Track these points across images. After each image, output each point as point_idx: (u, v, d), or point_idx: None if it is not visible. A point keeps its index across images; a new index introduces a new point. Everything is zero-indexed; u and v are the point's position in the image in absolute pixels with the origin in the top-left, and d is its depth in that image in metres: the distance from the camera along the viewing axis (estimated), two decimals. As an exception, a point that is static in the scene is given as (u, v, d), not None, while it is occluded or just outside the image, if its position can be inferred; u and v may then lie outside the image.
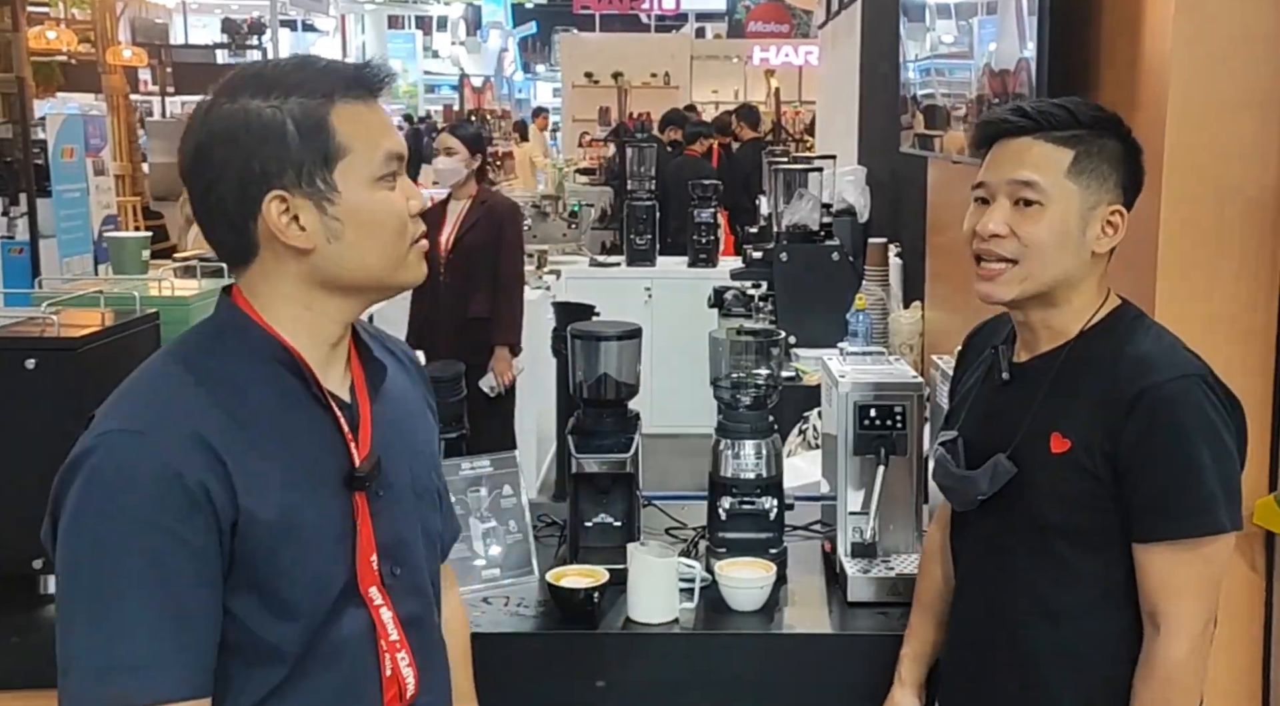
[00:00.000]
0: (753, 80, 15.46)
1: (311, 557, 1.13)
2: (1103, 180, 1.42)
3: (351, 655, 1.17)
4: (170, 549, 1.06)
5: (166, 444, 1.07)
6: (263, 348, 1.16)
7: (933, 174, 3.37)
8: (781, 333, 2.11)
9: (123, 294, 2.19)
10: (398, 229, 1.17)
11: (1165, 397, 1.37)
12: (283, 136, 1.12)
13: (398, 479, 1.22)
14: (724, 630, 1.87)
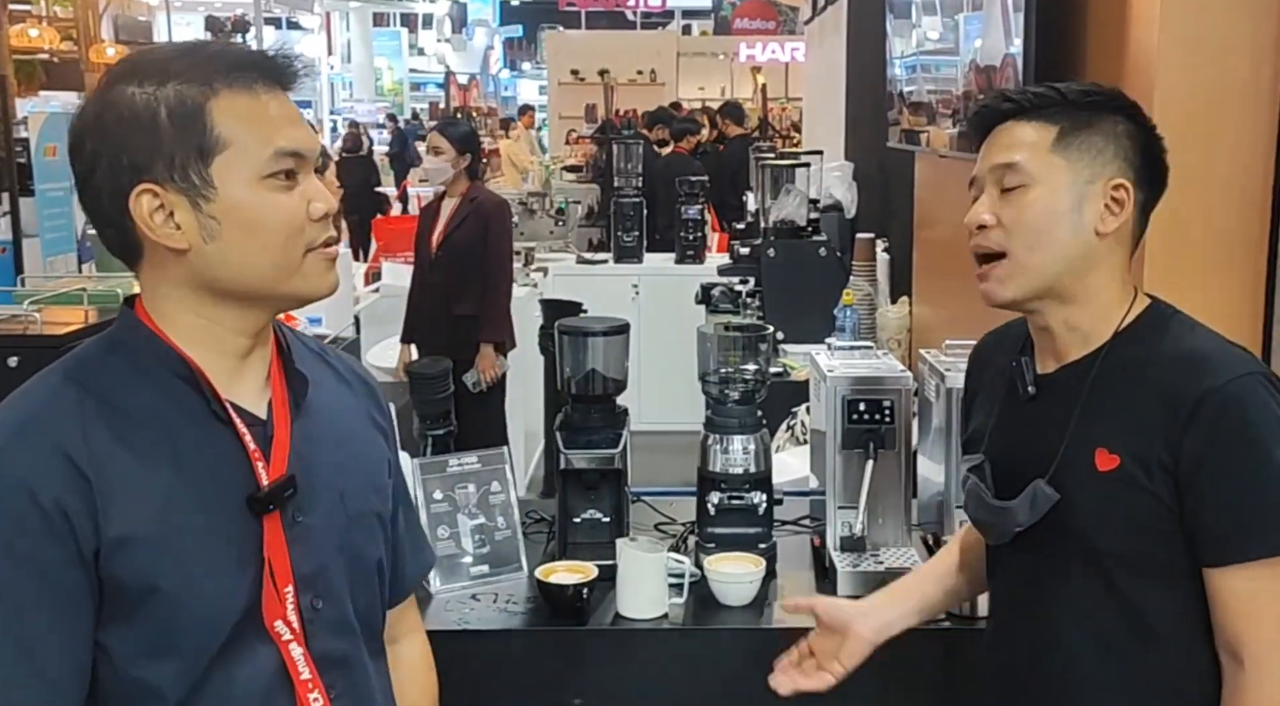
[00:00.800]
0: (739, 77, 15.48)
1: (198, 587, 1.03)
2: (1097, 153, 1.29)
3: (255, 695, 1.06)
4: (21, 576, 0.98)
5: (24, 459, 1.00)
6: (158, 360, 1.07)
7: (920, 169, 3.38)
8: (770, 327, 2.11)
9: (105, 291, 2.18)
10: (286, 232, 1.06)
11: (1231, 399, 1.21)
12: (154, 126, 1.03)
13: (321, 503, 1.12)
14: (714, 625, 1.87)
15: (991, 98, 1.39)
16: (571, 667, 1.84)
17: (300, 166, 1.07)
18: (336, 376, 1.22)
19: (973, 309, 1.59)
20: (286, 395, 1.13)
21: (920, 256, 3.45)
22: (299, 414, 1.13)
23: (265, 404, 1.12)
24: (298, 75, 1.09)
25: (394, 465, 1.26)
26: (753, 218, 4.50)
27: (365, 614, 1.16)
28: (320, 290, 1.11)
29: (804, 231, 3.95)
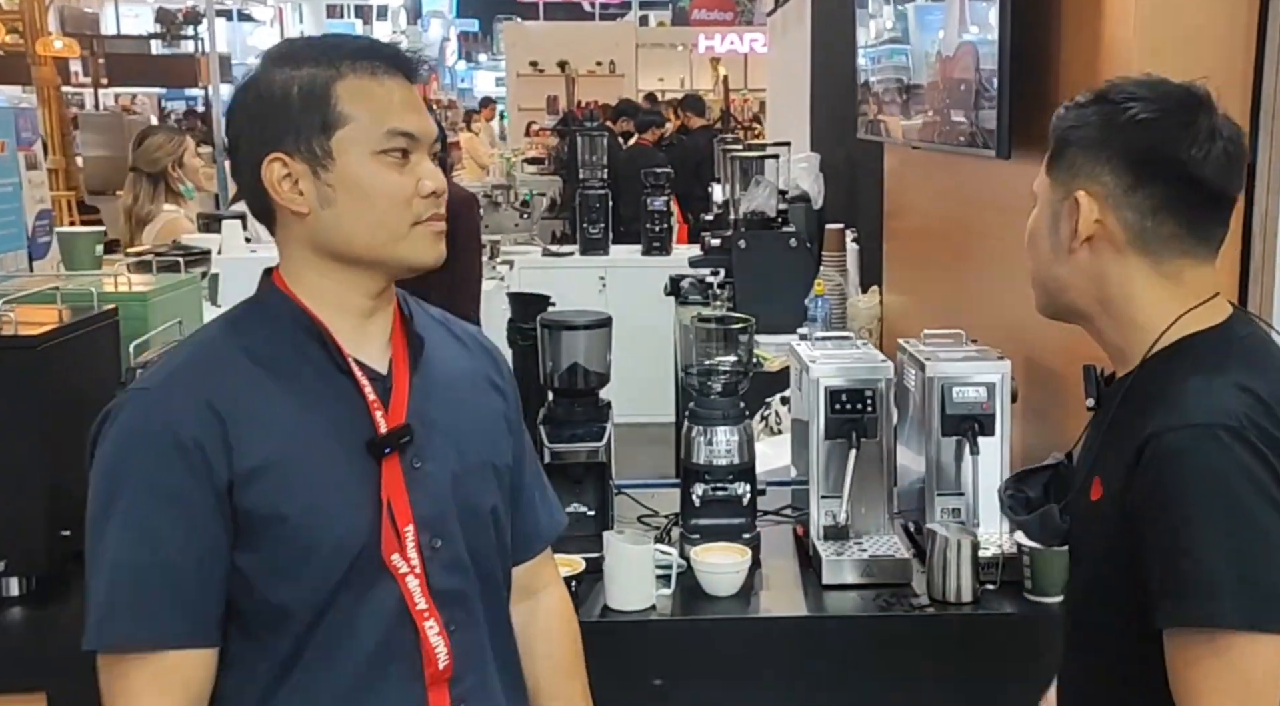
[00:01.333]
0: (698, 68, 15.48)
1: (319, 518, 1.15)
2: (1069, 166, 1.22)
3: (377, 623, 1.17)
4: (163, 506, 1.12)
5: (169, 404, 1.14)
6: (290, 318, 1.20)
7: (889, 160, 3.40)
8: (751, 319, 2.12)
9: (79, 290, 2.14)
10: (393, 203, 1.18)
11: (1168, 449, 1.10)
12: (286, 102, 1.17)
13: (438, 452, 1.23)
14: (701, 615, 1.89)
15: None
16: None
17: (414, 147, 1.19)
18: (456, 341, 1.34)
19: (943, 298, 1.60)
20: (406, 354, 1.25)
21: (890, 246, 3.48)
22: (416, 370, 1.24)
23: (387, 361, 1.24)
24: (421, 66, 1.23)
25: (515, 424, 1.36)
26: (721, 209, 4.51)
27: (479, 557, 1.25)
28: (425, 260, 1.22)
29: (774, 223, 3.97)
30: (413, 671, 1.19)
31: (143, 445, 1.13)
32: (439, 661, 1.18)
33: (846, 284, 3.73)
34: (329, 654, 1.16)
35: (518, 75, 15.11)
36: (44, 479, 1.86)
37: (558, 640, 1.41)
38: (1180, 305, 1.20)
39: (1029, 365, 2.13)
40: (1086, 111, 1.24)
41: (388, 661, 1.18)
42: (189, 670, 1.13)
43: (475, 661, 1.24)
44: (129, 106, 15.98)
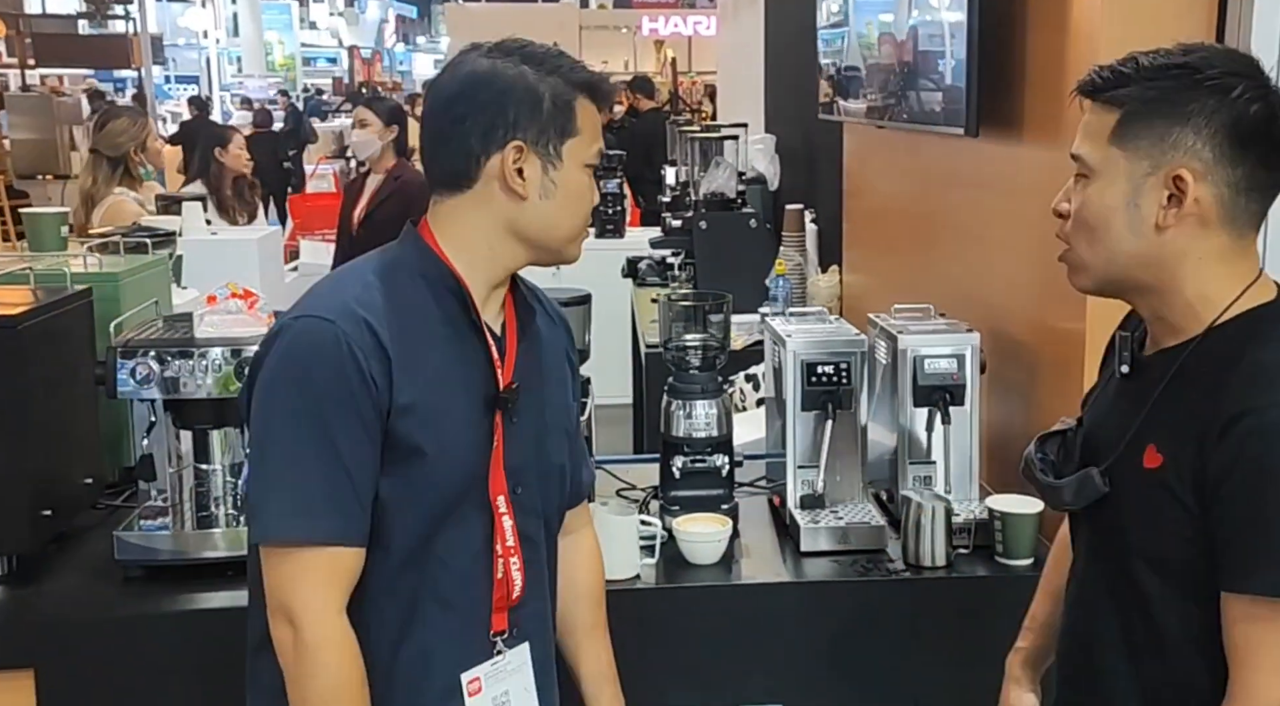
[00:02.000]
0: (642, 51, 15.50)
1: (447, 455, 1.31)
2: (1158, 139, 1.18)
3: (471, 550, 1.35)
4: (344, 416, 1.27)
5: (349, 331, 1.27)
6: (437, 275, 1.36)
7: (848, 140, 3.46)
8: (729, 295, 2.16)
9: (52, 270, 2.13)
10: (587, 208, 1.39)
11: (1266, 425, 1.12)
12: (540, 102, 1.33)
13: (529, 410, 1.40)
14: (684, 583, 1.93)
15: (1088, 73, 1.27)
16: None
17: (598, 167, 1.40)
18: (545, 313, 1.49)
19: (902, 276, 1.63)
20: (516, 321, 1.42)
21: (850, 226, 3.54)
22: (524, 336, 1.42)
23: (501, 324, 1.41)
24: (610, 100, 1.46)
25: (576, 393, 1.54)
26: (678, 190, 4.55)
27: (548, 505, 1.45)
28: (577, 256, 1.43)
29: (734, 203, 4.01)
30: (486, 595, 1.36)
31: (334, 365, 1.27)
32: (514, 591, 1.38)
33: (806, 263, 3.79)
34: (427, 572, 1.33)
35: (460, 58, 14.99)
36: (25, 458, 1.85)
37: (586, 573, 1.60)
38: (1245, 278, 1.22)
39: (994, 338, 2.20)
40: (1168, 83, 1.19)
41: (474, 585, 1.36)
42: (354, 564, 1.29)
43: (536, 593, 1.42)
44: (57, 88, 15.61)
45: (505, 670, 1.40)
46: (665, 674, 1.88)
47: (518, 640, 1.41)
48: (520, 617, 1.40)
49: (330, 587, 1.28)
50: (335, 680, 1.28)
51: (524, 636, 1.42)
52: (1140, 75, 1.20)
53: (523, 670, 1.42)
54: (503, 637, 1.39)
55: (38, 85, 14.71)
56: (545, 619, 1.46)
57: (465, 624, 1.36)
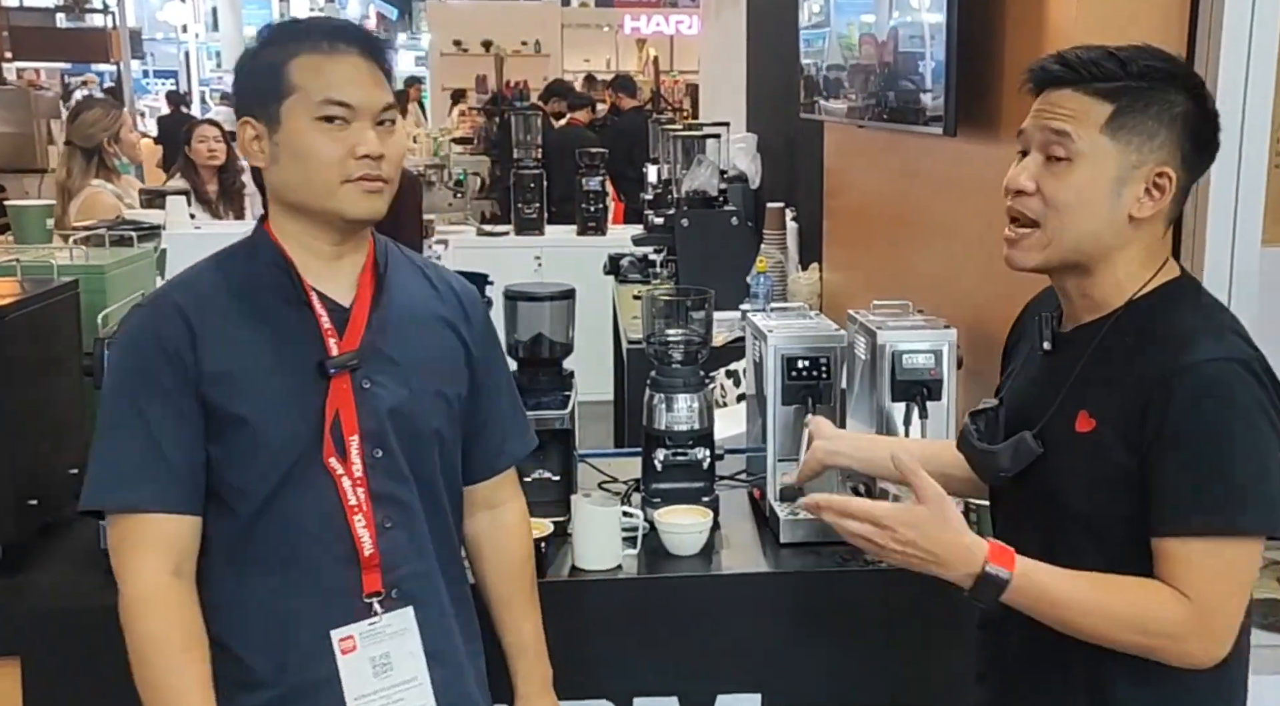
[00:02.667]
0: (624, 49, 15.49)
1: (268, 420, 1.39)
2: (1148, 137, 1.27)
3: (321, 511, 1.41)
4: (149, 392, 1.38)
5: (157, 314, 1.41)
6: (267, 254, 1.44)
7: (829, 139, 3.50)
8: (710, 290, 2.19)
9: (38, 262, 2.13)
10: (323, 163, 1.38)
11: (1201, 379, 1.23)
12: (251, 74, 1.43)
13: (387, 376, 1.44)
14: (665, 573, 1.96)
15: (1049, 58, 1.35)
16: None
17: (353, 116, 1.39)
18: (429, 285, 1.55)
19: (881, 273, 1.67)
20: (371, 291, 1.47)
21: (830, 224, 3.57)
22: (378, 305, 1.46)
23: (352, 296, 1.46)
24: (379, 49, 1.44)
25: (481, 361, 1.56)
26: (660, 188, 4.57)
27: (421, 470, 1.48)
28: (355, 213, 1.42)
29: (716, 201, 4.04)
30: (348, 556, 1.42)
31: (138, 350, 1.40)
32: (364, 549, 1.42)
33: (787, 261, 3.82)
34: (278, 532, 1.41)
35: (441, 54, 14.96)
36: (11, 448, 1.85)
37: (510, 546, 1.64)
38: (1160, 260, 1.35)
39: (970, 334, 2.23)
40: (1158, 83, 1.28)
41: (327, 545, 1.41)
42: (178, 530, 1.39)
43: (411, 554, 1.46)
44: (35, 82, 15.46)
45: (384, 632, 1.44)
46: (645, 662, 1.91)
47: (399, 603, 1.44)
48: (399, 580, 1.44)
49: (150, 551, 1.38)
50: (150, 638, 1.37)
51: (407, 600, 1.45)
52: (1126, 71, 1.28)
53: (406, 635, 1.45)
54: (378, 598, 1.43)
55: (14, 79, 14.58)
56: (435, 583, 1.48)
57: (329, 583, 1.42)
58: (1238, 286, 1.91)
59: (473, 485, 1.60)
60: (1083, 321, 1.37)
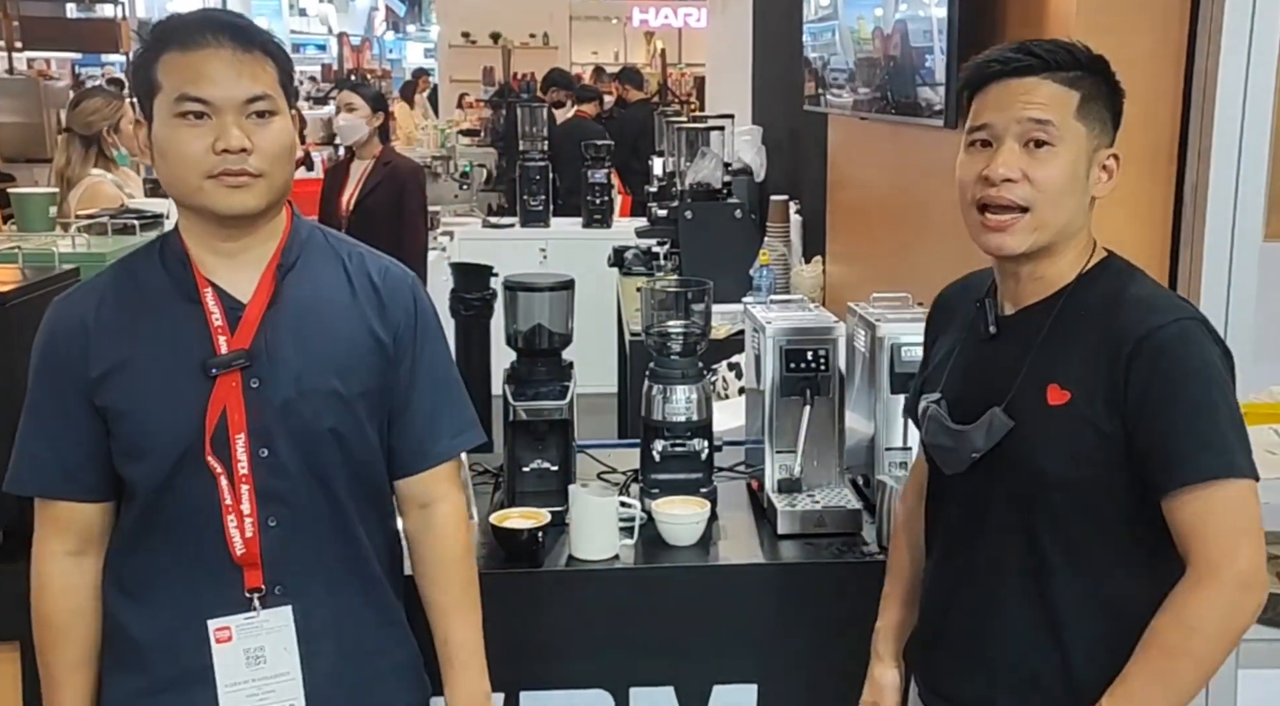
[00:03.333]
0: (633, 42, 15.47)
1: (152, 417, 1.41)
2: (1102, 123, 1.37)
3: (204, 506, 1.43)
4: (45, 390, 1.45)
5: (59, 317, 1.45)
6: (171, 249, 1.46)
7: (833, 132, 3.49)
8: (709, 282, 2.19)
9: (40, 250, 2.14)
10: (182, 159, 1.38)
11: (1173, 338, 1.31)
12: (134, 75, 1.44)
13: (277, 375, 1.43)
14: (662, 564, 1.96)
15: (1004, 49, 1.39)
16: (528, 607, 1.91)
17: (213, 112, 1.37)
18: (345, 277, 1.51)
19: (884, 266, 1.68)
20: (271, 288, 1.45)
21: (834, 217, 3.57)
22: (275, 303, 1.45)
23: (250, 292, 1.44)
24: (253, 36, 1.40)
25: (399, 356, 1.52)
26: (664, 181, 4.57)
27: (315, 468, 1.46)
28: (219, 207, 1.40)
29: (719, 194, 4.03)
30: (226, 552, 1.44)
31: (41, 349, 1.46)
32: (235, 548, 1.43)
33: (790, 254, 3.82)
34: (166, 524, 1.44)
35: (449, 46, 14.96)
36: (12, 434, 1.86)
37: (438, 548, 1.59)
38: (1091, 240, 1.43)
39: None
40: (1102, 74, 1.38)
41: (207, 541, 1.44)
42: (74, 515, 1.47)
43: (298, 553, 1.46)
44: (45, 72, 15.49)
45: (262, 627, 1.46)
46: (642, 652, 1.92)
47: (280, 600, 1.46)
48: (281, 577, 1.45)
49: (51, 532, 1.48)
50: (39, 616, 1.48)
51: (289, 598, 1.46)
52: (1080, 62, 1.37)
53: (283, 631, 1.47)
54: (259, 595, 1.45)
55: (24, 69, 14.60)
56: (322, 584, 1.48)
57: (210, 576, 1.45)
58: (1236, 281, 1.91)
59: (399, 480, 1.57)
60: (1027, 303, 1.43)
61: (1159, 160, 1.96)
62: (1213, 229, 1.90)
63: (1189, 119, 1.92)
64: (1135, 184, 1.96)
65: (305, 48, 26.35)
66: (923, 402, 1.52)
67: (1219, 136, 1.87)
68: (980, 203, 1.38)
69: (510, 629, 1.89)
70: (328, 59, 20.75)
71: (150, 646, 1.47)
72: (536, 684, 1.91)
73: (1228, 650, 1.31)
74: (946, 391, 1.49)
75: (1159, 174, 1.96)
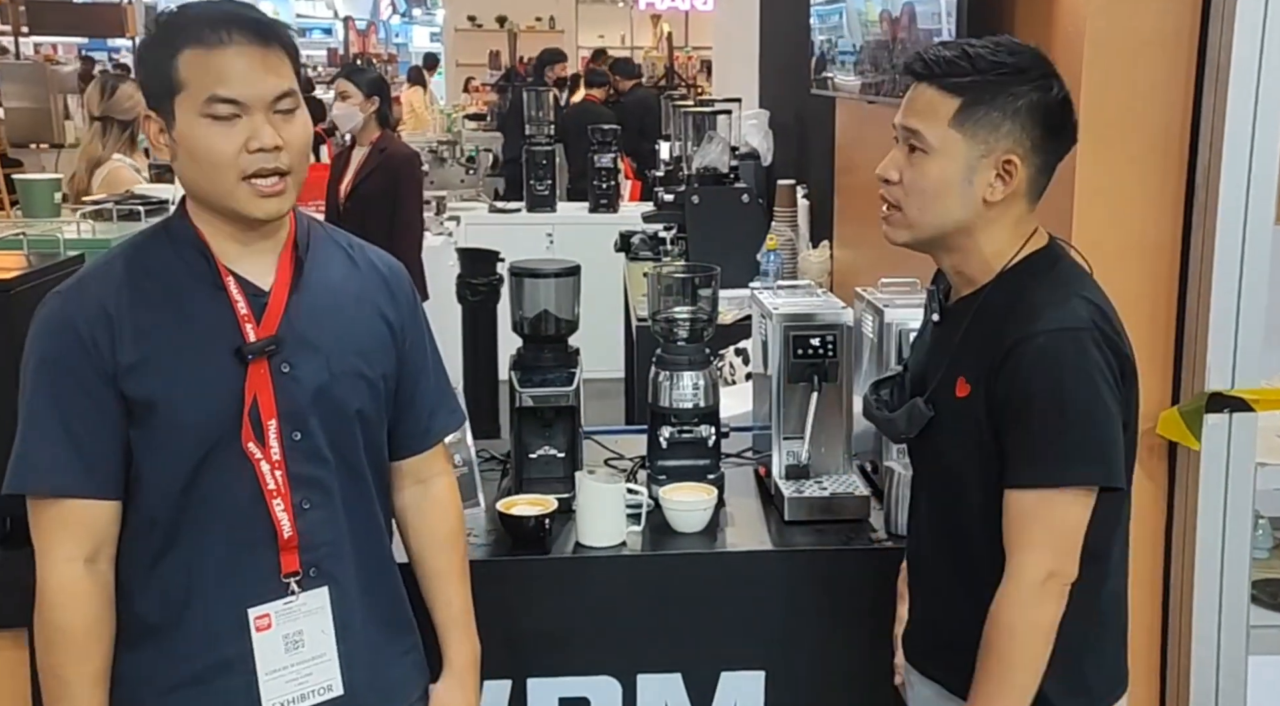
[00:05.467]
0: (639, 25, 15.41)
1: (183, 407, 1.39)
2: (993, 128, 1.39)
3: (241, 493, 1.42)
4: (67, 381, 1.38)
5: (72, 304, 1.40)
6: (186, 239, 1.44)
7: (841, 116, 3.47)
8: (716, 268, 2.18)
9: (45, 236, 2.14)
10: (215, 161, 1.36)
11: (1036, 350, 1.37)
12: (147, 68, 1.40)
13: (306, 360, 1.45)
14: (670, 550, 1.96)
15: (911, 55, 1.48)
16: (535, 594, 1.91)
17: (244, 111, 1.36)
18: (352, 265, 1.54)
19: (893, 252, 1.68)
20: (290, 275, 1.46)
21: (841, 201, 3.55)
22: (296, 289, 1.46)
23: (270, 281, 1.45)
24: (271, 31, 1.38)
25: (406, 340, 1.56)
26: (671, 165, 4.55)
27: (342, 450, 1.48)
28: (251, 212, 1.39)
29: (726, 178, 4.01)
30: (267, 538, 1.43)
31: (53, 336, 1.39)
32: (284, 532, 1.43)
33: (798, 239, 3.81)
34: (197, 515, 1.42)
35: (455, 30, 14.92)
36: (17, 420, 1.86)
37: (438, 519, 1.64)
38: (1026, 234, 1.47)
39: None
40: (1001, 78, 1.40)
41: (246, 528, 1.43)
42: (92, 516, 1.40)
43: (330, 534, 1.48)
44: (52, 56, 15.48)
45: (299, 611, 1.46)
46: (649, 639, 1.92)
47: (316, 582, 1.47)
48: (317, 559, 1.46)
49: (64, 536, 1.40)
50: (55, 627, 1.41)
51: (324, 579, 1.47)
52: (975, 68, 1.40)
53: (320, 613, 1.47)
54: (295, 578, 1.45)
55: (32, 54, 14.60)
56: (354, 562, 1.50)
57: (248, 563, 1.44)
58: (1249, 266, 1.89)
59: (401, 460, 1.61)
60: (962, 294, 1.51)
61: (1170, 144, 1.93)
62: (1225, 213, 1.88)
63: (1201, 102, 1.90)
64: (1146, 166, 1.95)
65: (311, 32, 26.28)
66: (878, 377, 1.67)
67: (1231, 119, 1.84)
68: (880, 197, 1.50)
69: (517, 616, 1.89)
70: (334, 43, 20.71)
71: (182, 639, 1.44)
72: (544, 671, 1.92)
73: (1039, 648, 1.40)
74: (910, 368, 1.61)
75: (1170, 155, 1.94)
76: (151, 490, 1.42)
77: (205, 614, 1.44)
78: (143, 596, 1.45)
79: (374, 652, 1.53)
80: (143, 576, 1.44)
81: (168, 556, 1.43)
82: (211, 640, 1.44)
